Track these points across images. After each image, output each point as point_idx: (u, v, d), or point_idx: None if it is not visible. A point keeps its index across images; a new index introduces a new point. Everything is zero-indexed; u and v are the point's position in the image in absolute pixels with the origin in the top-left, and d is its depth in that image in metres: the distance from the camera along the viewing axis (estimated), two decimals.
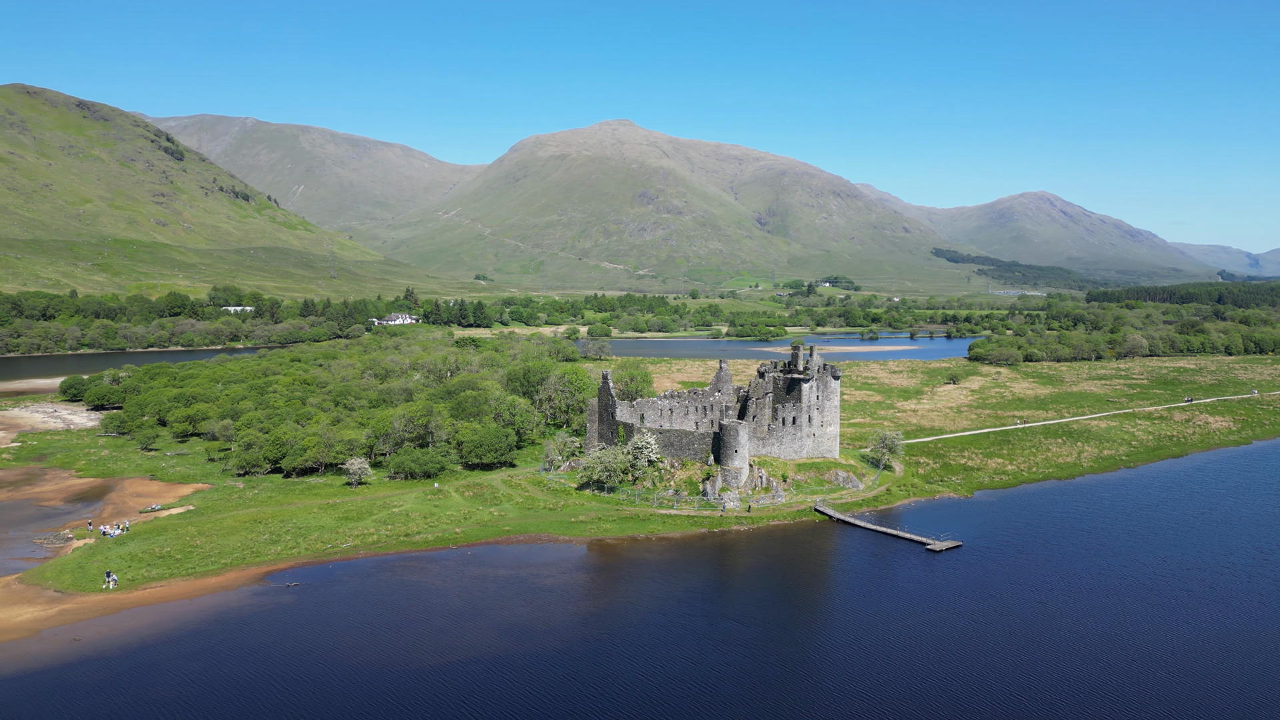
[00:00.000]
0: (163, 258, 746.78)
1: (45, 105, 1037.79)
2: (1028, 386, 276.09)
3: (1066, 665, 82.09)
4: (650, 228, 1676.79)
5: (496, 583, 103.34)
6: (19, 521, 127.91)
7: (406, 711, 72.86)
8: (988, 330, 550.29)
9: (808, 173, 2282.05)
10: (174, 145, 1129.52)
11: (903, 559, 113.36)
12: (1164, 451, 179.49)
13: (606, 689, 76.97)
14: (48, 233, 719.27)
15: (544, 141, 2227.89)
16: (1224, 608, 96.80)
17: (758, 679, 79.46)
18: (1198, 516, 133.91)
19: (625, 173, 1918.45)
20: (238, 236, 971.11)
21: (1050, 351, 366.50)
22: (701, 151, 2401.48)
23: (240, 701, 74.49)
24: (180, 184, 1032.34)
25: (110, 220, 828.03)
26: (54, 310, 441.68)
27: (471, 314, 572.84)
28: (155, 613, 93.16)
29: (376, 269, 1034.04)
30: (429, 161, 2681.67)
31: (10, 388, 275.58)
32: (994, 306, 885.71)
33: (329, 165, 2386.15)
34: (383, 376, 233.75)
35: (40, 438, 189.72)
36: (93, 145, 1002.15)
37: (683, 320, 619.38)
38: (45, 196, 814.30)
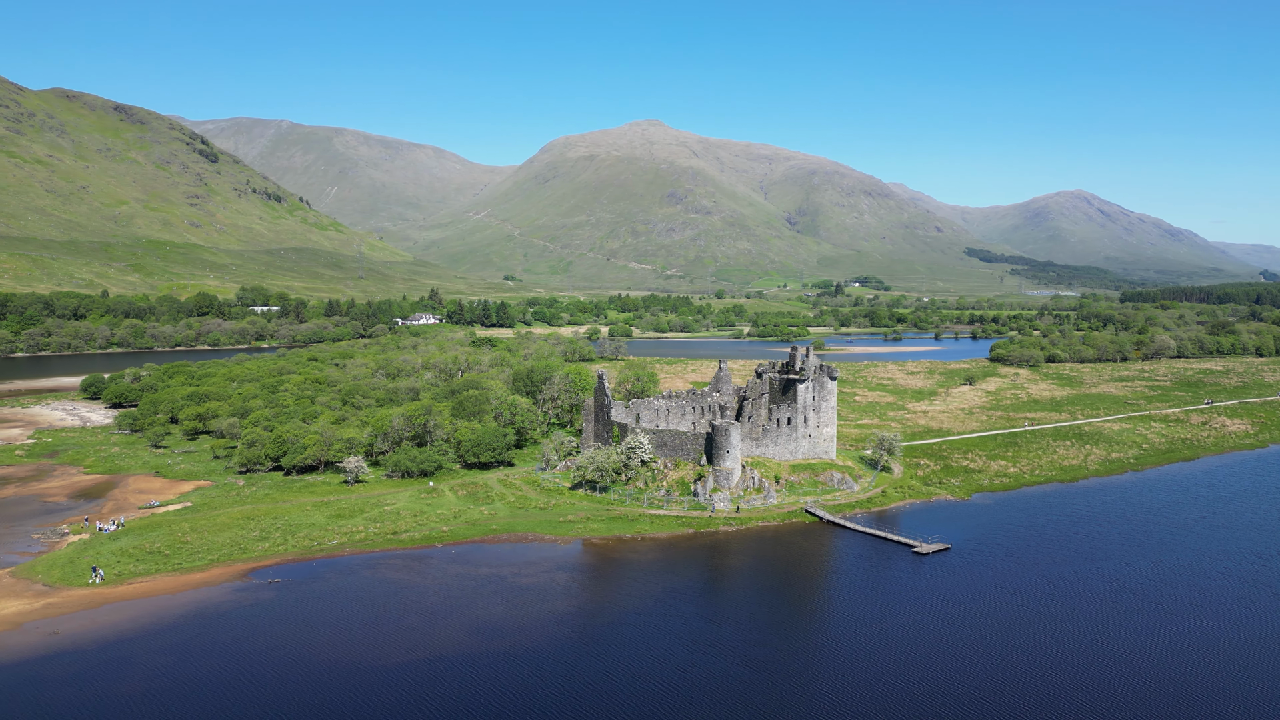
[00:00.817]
0: (195, 258, 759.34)
1: (84, 109, 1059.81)
2: (1045, 388, 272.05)
3: (1039, 669, 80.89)
4: (678, 228, 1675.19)
5: (476, 581, 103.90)
6: (22, 516, 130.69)
7: (364, 707, 73.50)
8: (1014, 331, 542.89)
9: (838, 172, 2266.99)
10: (208, 148, 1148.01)
11: (889, 561, 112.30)
12: (1175, 455, 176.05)
13: (567, 688, 77.09)
14: (84, 234, 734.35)
15: (574, 142, 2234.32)
16: (1210, 613, 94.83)
17: (722, 679, 79.16)
18: (1198, 521, 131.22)
19: (654, 173, 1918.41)
20: (269, 237, 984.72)
21: (1074, 353, 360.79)
22: (731, 151, 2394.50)
23: (205, 696, 75.57)
24: (214, 186, 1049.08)
25: (145, 221, 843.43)
26: (85, 310, 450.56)
27: (494, 314, 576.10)
28: (136, 607, 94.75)
29: (405, 269, 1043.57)
30: (460, 163, 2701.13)
31: (35, 385, 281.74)
32: (1025, 307, 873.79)
33: (362, 167, 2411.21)
34: (393, 376, 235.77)
35: (55, 435, 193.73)
36: (129, 148, 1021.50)
37: (705, 320, 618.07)
38: (82, 198, 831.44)
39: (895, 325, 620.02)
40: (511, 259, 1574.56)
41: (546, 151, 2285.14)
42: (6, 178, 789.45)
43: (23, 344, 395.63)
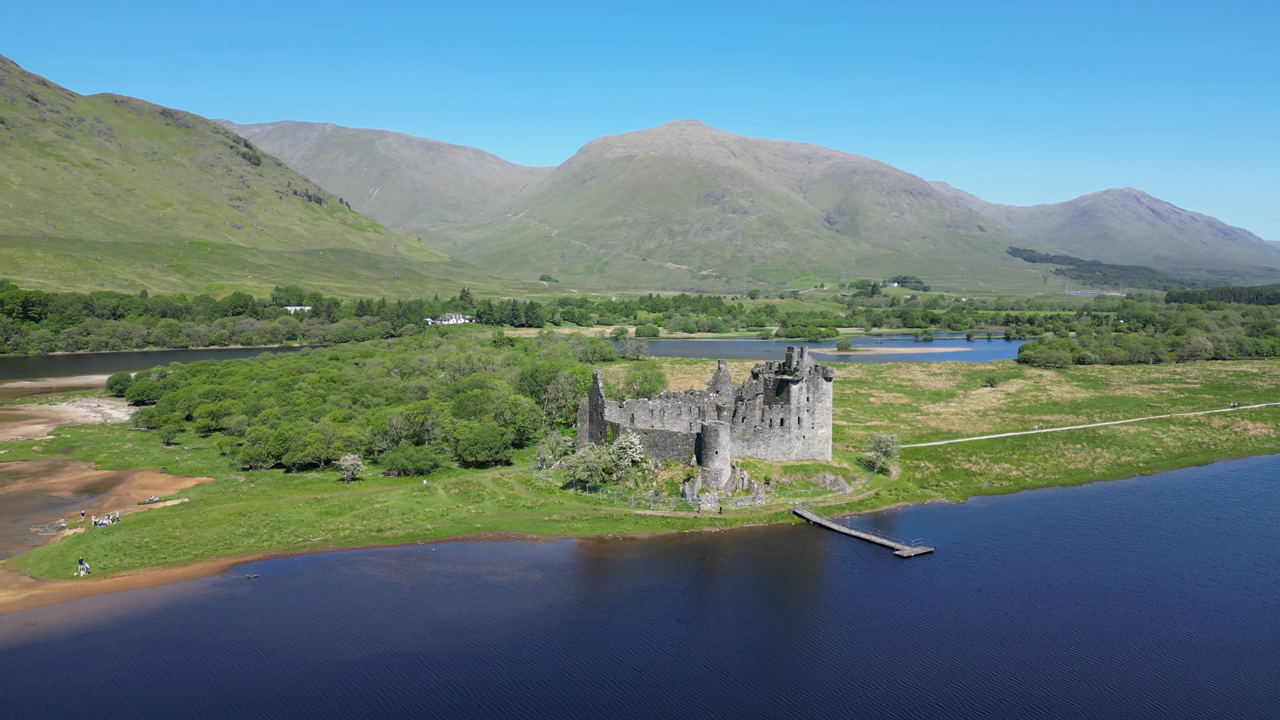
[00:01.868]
0: (235, 259, 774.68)
1: (132, 113, 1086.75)
2: (1068, 390, 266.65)
3: (1001, 675, 79.34)
4: (715, 228, 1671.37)
5: (450, 579, 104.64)
6: (26, 511, 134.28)
7: (315, 701, 74.42)
8: (1049, 332, 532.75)
9: (879, 171, 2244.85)
10: (251, 151, 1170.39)
11: (869, 564, 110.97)
12: (1188, 459, 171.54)
13: (518, 686, 77.28)
14: (128, 235, 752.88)
15: (611, 143, 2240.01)
16: (1190, 620, 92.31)
17: (676, 679, 78.80)
18: (1198, 526, 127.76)
19: (691, 173, 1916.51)
20: (308, 238, 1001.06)
21: (1104, 354, 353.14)
22: (770, 150, 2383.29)
23: (162, 686, 77.03)
24: (256, 188, 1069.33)
25: (188, 223, 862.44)
26: (123, 309, 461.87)
27: (523, 314, 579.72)
28: (114, 600, 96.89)
29: (441, 270, 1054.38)
30: (500, 164, 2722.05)
31: (67, 383, 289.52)
32: (1065, 307, 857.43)
33: (404, 169, 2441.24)
34: (406, 375, 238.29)
35: (75, 431, 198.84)
36: (175, 151, 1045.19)
37: (734, 321, 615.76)
38: (128, 201, 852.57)
39: (928, 326, 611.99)
40: (549, 259, 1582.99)
41: (585, 152, 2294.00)
42: (55, 181, 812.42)
43: (62, 342, 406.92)
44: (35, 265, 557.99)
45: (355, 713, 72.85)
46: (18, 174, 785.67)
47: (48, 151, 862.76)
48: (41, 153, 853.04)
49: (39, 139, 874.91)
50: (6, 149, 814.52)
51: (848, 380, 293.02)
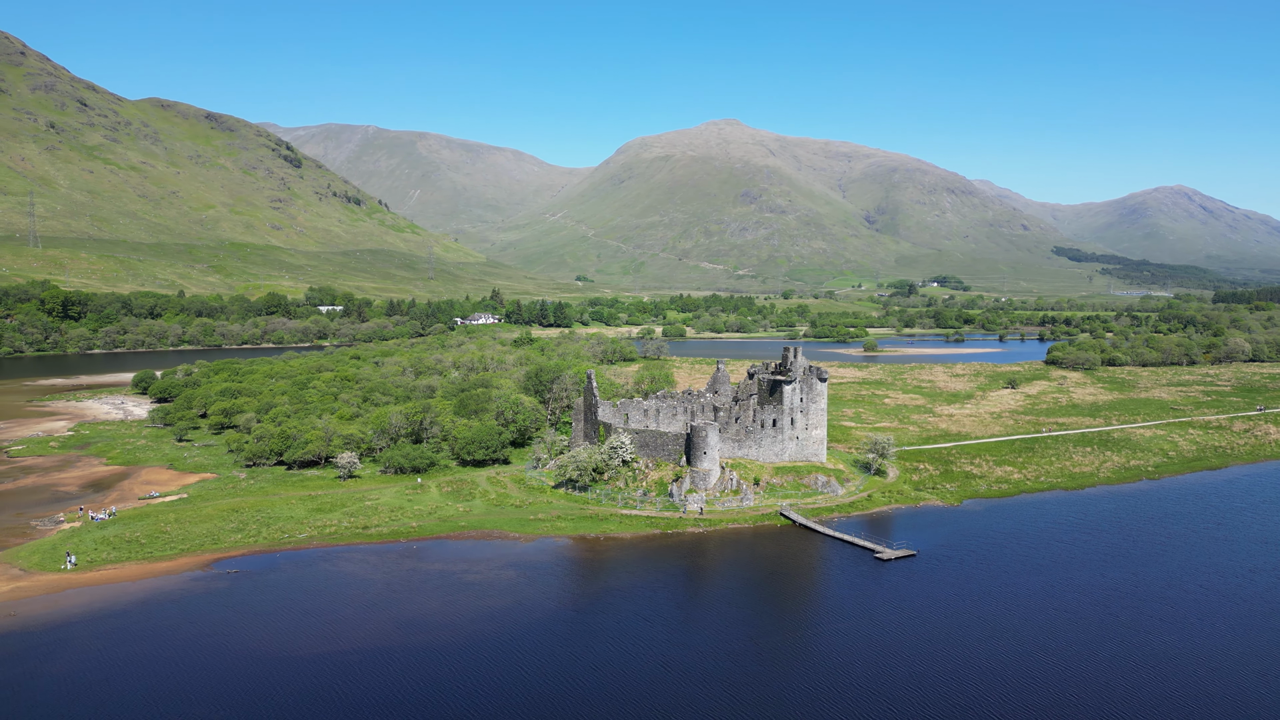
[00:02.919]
0: (273, 259, 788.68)
1: (177, 117, 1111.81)
2: (1091, 392, 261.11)
3: (965, 681, 78.00)
4: (752, 227, 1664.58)
5: (424, 576, 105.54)
6: (32, 505, 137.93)
7: (267, 693, 75.52)
8: (1085, 333, 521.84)
9: (920, 169, 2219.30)
10: (293, 153, 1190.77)
11: (848, 567, 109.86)
12: (1201, 463, 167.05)
13: (470, 683, 77.71)
14: (171, 236, 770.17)
15: (649, 143, 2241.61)
16: (1170, 629, 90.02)
17: (632, 678, 78.72)
18: (1197, 532, 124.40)
19: (728, 172, 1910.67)
20: (347, 239, 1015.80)
21: (1136, 355, 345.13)
22: (809, 149, 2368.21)
23: (124, 678, 78.66)
24: (297, 190, 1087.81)
25: (229, 225, 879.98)
26: (160, 309, 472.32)
27: (552, 314, 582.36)
28: (95, 593, 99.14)
29: (476, 270, 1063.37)
30: (539, 165, 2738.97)
31: (97, 380, 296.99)
32: (1109, 308, 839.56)
33: (444, 170, 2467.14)
34: (420, 374, 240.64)
35: (93, 427, 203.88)
36: (218, 154, 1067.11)
37: (764, 321, 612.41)
38: (171, 203, 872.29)
39: (961, 326, 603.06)
40: (585, 259, 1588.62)
41: (622, 153, 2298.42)
42: (102, 184, 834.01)
43: (100, 341, 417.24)
44: (79, 266, 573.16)
45: (305, 706, 73.79)
46: (66, 177, 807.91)
47: (95, 155, 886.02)
48: (89, 156, 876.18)
49: (87, 143, 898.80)
50: (56, 153, 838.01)
51: (866, 381, 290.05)
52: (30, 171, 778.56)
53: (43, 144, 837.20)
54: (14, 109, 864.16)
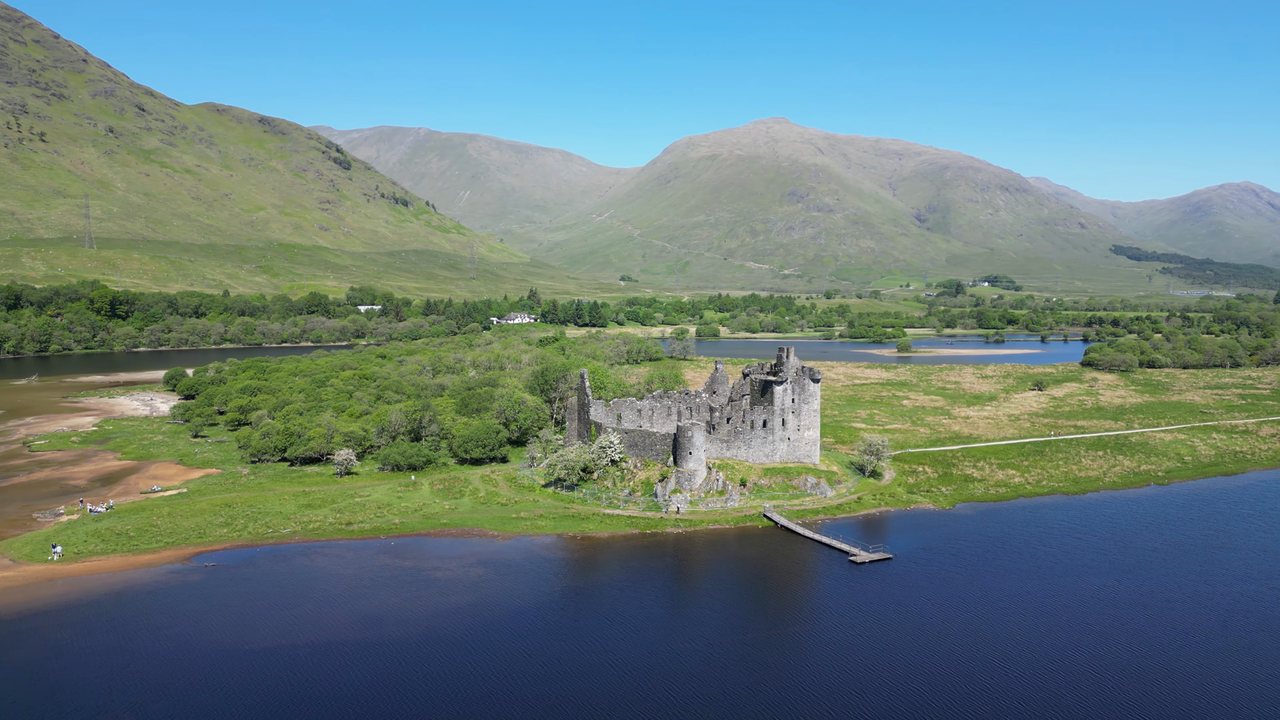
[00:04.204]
0: (319, 260, 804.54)
1: (232, 121, 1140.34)
2: (1121, 395, 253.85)
3: (917, 688, 76.45)
4: (798, 226, 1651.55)
5: (392, 572, 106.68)
6: (40, 497, 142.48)
7: (211, 683, 77.03)
8: (1132, 334, 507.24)
9: (973, 166, 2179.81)
10: (343, 156, 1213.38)
11: (821, 569, 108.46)
12: (1217, 468, 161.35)
13: (410, 679, 78.28)
14: (222, 238, 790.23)
15: (696, 142, 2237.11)
16: (1145, 637, 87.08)
17: (580, 674, 78.67)
18: (1193, 540, 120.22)
19: (775, 171, 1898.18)
20: (393, 240, 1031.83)
21: (1177, 357, 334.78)
22: (859, 147, 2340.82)
23: (83, 665, 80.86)
24: (345, 191, 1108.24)
25: (279, 226, 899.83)
26: (205, 308, 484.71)
27: (587, 314, 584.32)
28: (74, 584, 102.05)
29: (519, 270, 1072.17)
30: (587, 165, 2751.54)
31: (134, 378, 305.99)
32: (1163, 308, 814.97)
33: (493, 171, 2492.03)
34: (438, 372, 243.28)
35: (117, 423, 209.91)
36: (270, 157, 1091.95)
37: (801, 321, 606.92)
38: (224, 205, 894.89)
39: (1004, 327, 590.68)
40: (630, 259, 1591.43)
41: (669, 152, 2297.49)
42: (158, 186, 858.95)
43: (145, 339, 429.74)
44: (131, 266, 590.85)
45: (247, 696, 75.07)
46: (123, 180, 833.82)
47: (152, 158, 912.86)
48: (146, 159, 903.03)
49: (144, 146, 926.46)
50: (114, 156, 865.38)
51: (890, 382, 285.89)
52: (89, 174, 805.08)
53: (102, 148, 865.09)
54: (75, 114, 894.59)
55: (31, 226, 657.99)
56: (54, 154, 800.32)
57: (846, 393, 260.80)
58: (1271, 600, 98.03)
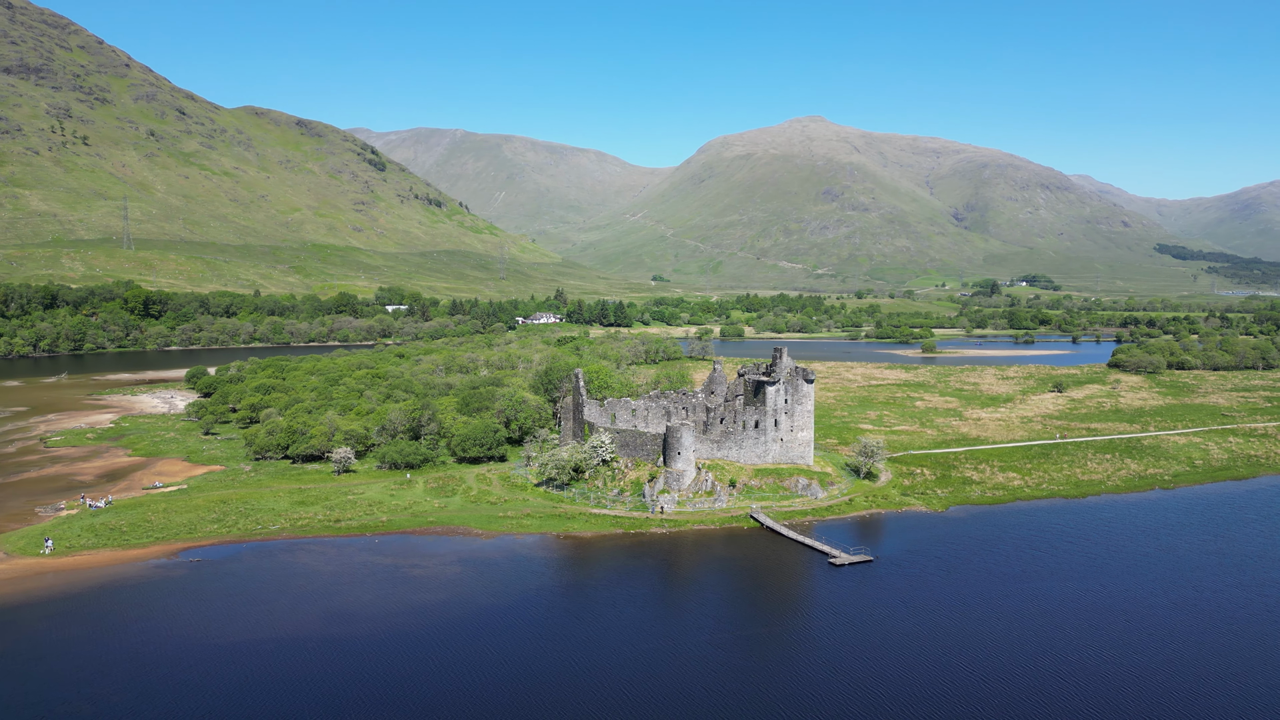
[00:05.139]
0: (351, 260, 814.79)
1: (270, 124, 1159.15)
2: (1142, 397, 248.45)
3: (875, 693, 75.52)
4: (833, 225, 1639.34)
5: (370, 569, 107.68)
6: (46, 492, 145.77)
7: (178, 676, 78.34)
8: (1168, 335, 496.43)
9: (1012, 164, 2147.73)
10: (377, 157, 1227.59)
11: (800, 571, 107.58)
12: (1227, 472, 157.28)
13: (368, 676, 78.95)
14: (257, 239, 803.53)
15: (730, 142, 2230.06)
16: (1119, 644, 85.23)
17: (537, 673, 78.87)
18: (1188, 545, 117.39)
19: (810, 170, 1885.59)
20: (425, 241, 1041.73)
21: (1207, 359, 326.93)
22: (896, 145, 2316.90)
23: (55, 656, 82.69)
24: (380, 193, 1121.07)
25: (313, 227, 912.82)
26: (236, 308, 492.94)
27: (613, 314, 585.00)
28: (60, 577, 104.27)
29: (550, 270, 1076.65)
30: (621, 165, 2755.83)
31: (160, 375, 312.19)
32: (1204, 308, 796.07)
33: (528, 172, 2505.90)
34: (450, 371, 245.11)
35: (134, 421, 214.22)
36: (307, 159, 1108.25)
37: (828, 321, 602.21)
38: (260, 206, 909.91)
39: (1036, 327, 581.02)
40: (662, 259, 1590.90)
41: (703, 152, 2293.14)
42: (197, 188, 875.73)
43: (177, 338, 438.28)
44: (167, 266, 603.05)
45: (208, 688, 76.26)
46: (163, 182, 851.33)
47: (191, 161, 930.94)
48: (186, 162, 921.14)
49: (184, 149, 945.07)
50: (155, 159, 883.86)
51: (908, 383, 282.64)
52: (130, 177, 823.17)
53: (143, 151, 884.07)
54: (118, 118, 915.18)
55: (72, 228, 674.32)
56: (96, 157, 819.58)
57: (861, 393, 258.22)
58: (1258, 608, 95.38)
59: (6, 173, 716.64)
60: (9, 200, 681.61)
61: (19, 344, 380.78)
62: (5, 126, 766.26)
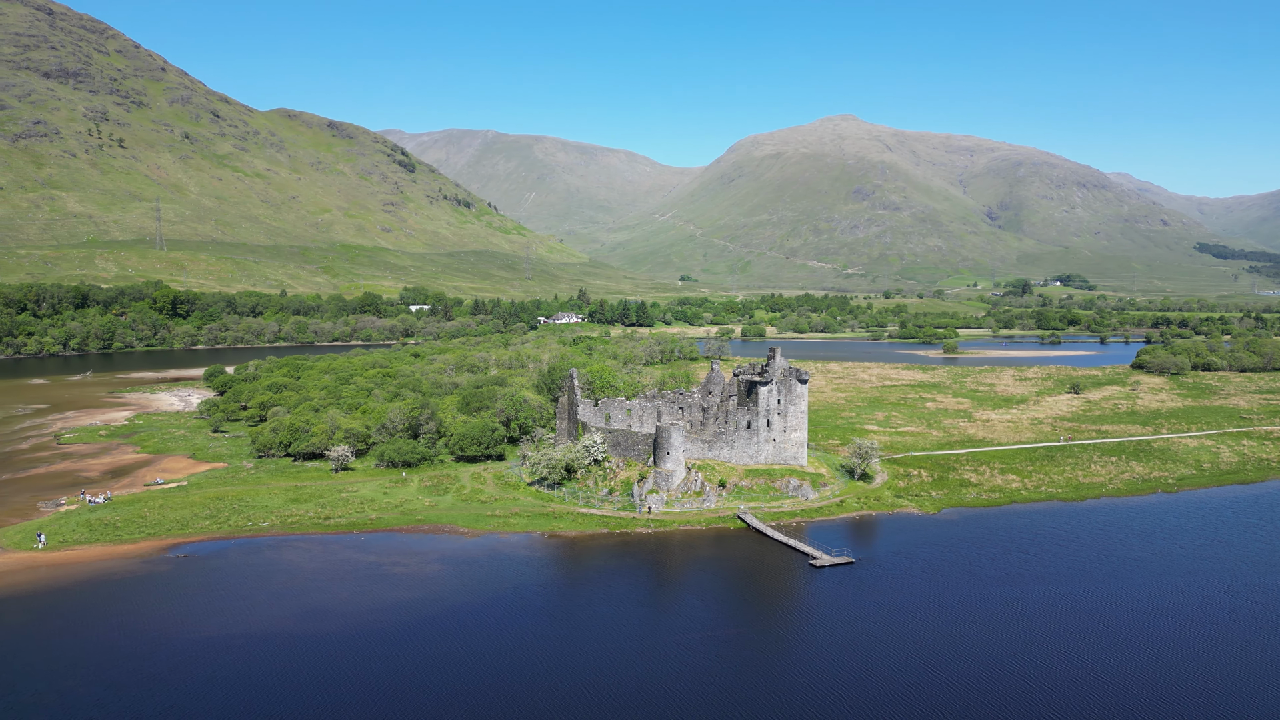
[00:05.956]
0: (379, 260, 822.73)
1: (302, 126, 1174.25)
2: (1161, 399, 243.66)
3: (842, 692, 74.89)
4: (863, 225, 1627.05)
5: (352, 566, 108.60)
6: (51, 488, 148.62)
7: (144, 672, 79.61)
8: (1200, 335, 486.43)
9: (1048, 162, 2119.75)
10: (407, 158, 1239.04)
11: (780, 572, 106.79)
12: (1235, 476, 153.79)
13: (334, 674, 79.63)
14: (287, 239, 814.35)
15: (761, 141, 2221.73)
16: (1094, 650, 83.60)
17: (498, 671, 79.18)
18: (1182, 549, 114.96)
19: (841, 169, 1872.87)
20: (453, 241, 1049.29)
21: (1233, 360, 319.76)
22: (929, 144, 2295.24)
23: (31, 650, 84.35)
24: (409, 194, 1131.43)
25: (342, 227, 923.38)
26: (262, 307, 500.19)
27: (634, 313, 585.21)
28: (49, 572, 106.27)
29: (576, 270, 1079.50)
30: (651, 165, 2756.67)
31: (182, 374, 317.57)
32: (1242, 308, 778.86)
33: (558, 173, 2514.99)
34: (459, 370, 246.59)
35: (148, 418, 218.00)
36: (338, 161, 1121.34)
37: (852, 321, 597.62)
38: (291, 207, 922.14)
39: (1065, 327, 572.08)
40: (691, 259, 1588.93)
41: (733, 151, 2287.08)
42: (229, 190, 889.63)
43: (203, 337, 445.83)
44: (198, 267, 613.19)
45: (171, 682, 77.35)
46: (197, 184, 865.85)
47: (225, 163, 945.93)
48: (219, 164, 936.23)
49: (218, 151, 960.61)
50: (189, 161, 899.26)
51: (920, 384, 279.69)
52: (164, 179, 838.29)
53: (177, 153, 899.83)
54: (153, 121, 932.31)
55: (107, 229, 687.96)
56: (131, 159, 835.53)
57: (873, 394, 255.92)
58: (1244, 614, 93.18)
59: (44, 175, 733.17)
60: (46, 202, 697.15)
61: (49, 343, 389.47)
62: (44, 130, 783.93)
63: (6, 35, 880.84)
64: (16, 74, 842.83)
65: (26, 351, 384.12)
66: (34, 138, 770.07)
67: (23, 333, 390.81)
